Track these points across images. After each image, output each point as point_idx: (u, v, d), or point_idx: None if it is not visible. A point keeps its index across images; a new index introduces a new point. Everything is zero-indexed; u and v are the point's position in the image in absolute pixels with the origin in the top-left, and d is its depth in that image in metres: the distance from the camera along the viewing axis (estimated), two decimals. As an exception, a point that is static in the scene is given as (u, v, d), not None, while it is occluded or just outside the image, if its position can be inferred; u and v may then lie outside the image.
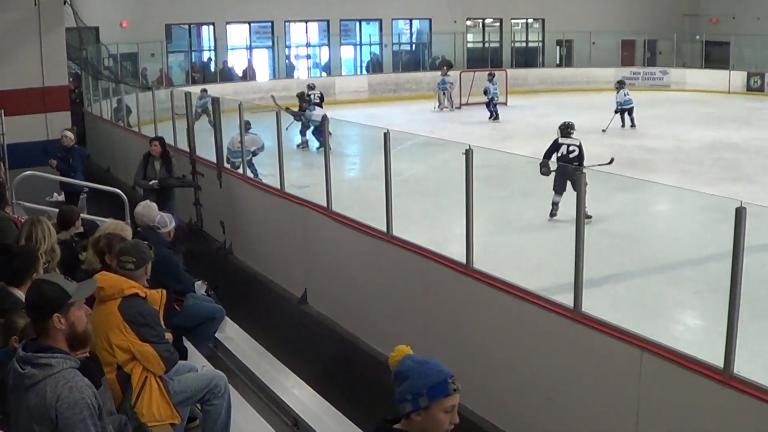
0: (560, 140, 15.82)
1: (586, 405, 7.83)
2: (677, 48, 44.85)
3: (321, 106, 25.91)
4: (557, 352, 7.88)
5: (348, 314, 11.73)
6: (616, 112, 28.44)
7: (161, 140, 14.63)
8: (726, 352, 6.47)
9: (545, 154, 15.77)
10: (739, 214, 6.27)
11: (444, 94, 33.67)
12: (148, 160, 14.23)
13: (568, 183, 13.67)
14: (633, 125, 28.63)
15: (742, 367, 6.56)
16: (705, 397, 6.63)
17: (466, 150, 8.84)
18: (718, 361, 6.54)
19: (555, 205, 15.09)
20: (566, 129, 15.96)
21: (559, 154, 15.63)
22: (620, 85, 29.30)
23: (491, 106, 31.12)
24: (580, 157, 15.56)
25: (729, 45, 43.20)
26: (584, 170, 8.08)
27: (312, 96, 27.24)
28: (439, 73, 34.71)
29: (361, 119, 27.22)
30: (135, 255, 6.54)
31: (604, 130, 27.30)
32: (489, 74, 33.03)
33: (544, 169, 14.95)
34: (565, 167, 14.57)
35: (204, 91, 26.47)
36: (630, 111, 28.73)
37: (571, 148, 15.63)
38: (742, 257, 6.39)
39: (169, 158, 14.37)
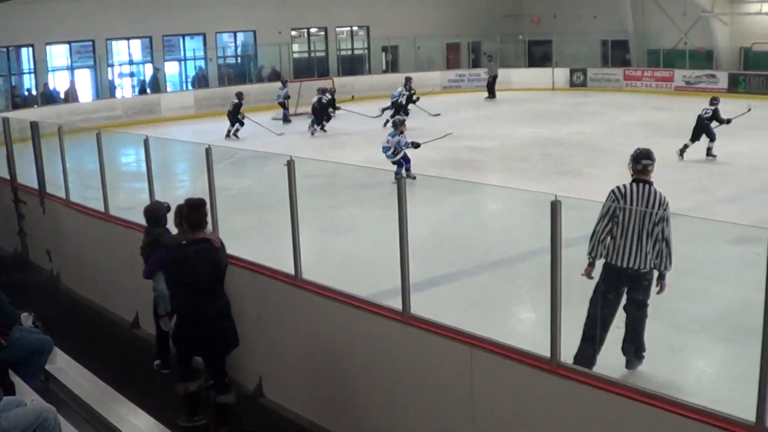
0: (705, 107, 22.01)
1: (423, 405, 7.91)
2: (501, 49, 45.84)
3: None
4: (390, 356, 7.93)
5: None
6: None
7: None
8: (551, 342, 6.62)
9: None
10: (554, 207, 6.42)
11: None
12: None
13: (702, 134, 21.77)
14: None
15: (570, 354, 6.72)
16: (535, 387, 6.79)
17: (288, 161, 8.82)
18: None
19: (686, 146, 21.96)
20: (712, 100, 22.19)
21: (701, 114, 21.96)
22: (408, 80, 33.47)
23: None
24: (714, 116, 21.88)
25: (551, 43, 44.53)
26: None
27: None
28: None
29: (189, 136, 26.97)
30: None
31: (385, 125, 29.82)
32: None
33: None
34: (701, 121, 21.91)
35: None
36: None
37: (706, 112, 21.94)
38: (559, 249, 6.54)
39: None
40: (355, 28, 45.64)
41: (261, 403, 9.84)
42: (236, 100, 29.59)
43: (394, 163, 19.11)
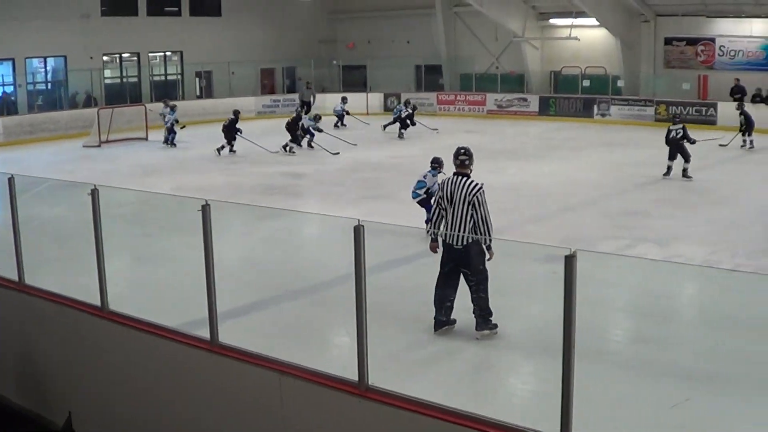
0: (671, 127, 23.46)
1: (234, 434, 7.85)
2: (316, 74, 46.10)
3: None
4: (198, 385, 7.87)
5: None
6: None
7: None
8: (359, 366, 6.69)
9: (665, 136, 23.42)
10: (357, 231, 6.53)
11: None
12: None
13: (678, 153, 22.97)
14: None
15: (380, 377, 6.78)
16: (344, 411, 6.84)
17: (92, 190, 8.66)
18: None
19: (669, 168, 23.20)
20: (674, 118, 25.03)
21: (670, 136, 23.16)
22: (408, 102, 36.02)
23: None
24: (684, 135, 23.04)
25: (365, 68, 45.10)
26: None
27: None
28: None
29: (-4, 164, 26.10)
30: None
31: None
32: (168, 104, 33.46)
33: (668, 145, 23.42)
34: (674, 141, 23.03)
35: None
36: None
37: (677, 132, 23.14)
38: (364, 272, 6.64)
39: None
40: (168, 54, 45.05)
41: (71, 439, 9.58)
42: (232, 116, 29.57)
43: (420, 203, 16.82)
